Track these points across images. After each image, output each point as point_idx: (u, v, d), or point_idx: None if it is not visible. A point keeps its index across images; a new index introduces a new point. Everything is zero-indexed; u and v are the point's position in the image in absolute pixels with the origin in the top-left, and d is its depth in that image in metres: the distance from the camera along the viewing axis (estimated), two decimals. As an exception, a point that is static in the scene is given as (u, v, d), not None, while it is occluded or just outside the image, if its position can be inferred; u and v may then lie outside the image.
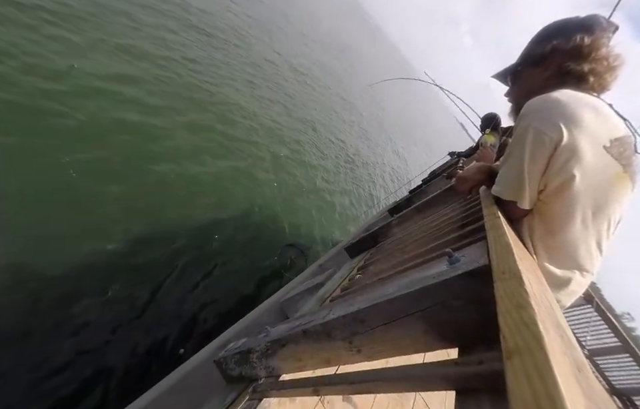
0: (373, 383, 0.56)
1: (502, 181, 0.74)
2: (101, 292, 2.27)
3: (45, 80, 2.86)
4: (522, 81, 0.86)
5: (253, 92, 6.28)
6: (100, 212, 2.59)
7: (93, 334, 2.07)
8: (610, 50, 0.71)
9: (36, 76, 2.82)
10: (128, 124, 3.30)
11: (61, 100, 2.86)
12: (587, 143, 0.60)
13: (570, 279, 0.70)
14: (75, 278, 2.19)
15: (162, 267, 2.74)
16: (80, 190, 2.56)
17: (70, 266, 2.22)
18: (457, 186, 1.03)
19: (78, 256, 2.30)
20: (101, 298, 2.24)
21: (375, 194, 8.58)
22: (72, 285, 2.16)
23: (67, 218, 2.39)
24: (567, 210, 0.64)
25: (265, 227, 4.14)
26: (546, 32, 0.79)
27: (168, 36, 4.99)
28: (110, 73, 3.52)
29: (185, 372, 1.59)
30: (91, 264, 2.33)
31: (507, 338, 0.26)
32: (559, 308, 0.42)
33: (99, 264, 2.37)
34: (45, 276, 2.07)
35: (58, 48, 3.20)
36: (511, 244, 0.41)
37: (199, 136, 4.16)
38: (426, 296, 0.46)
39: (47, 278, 2.06)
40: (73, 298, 2.11)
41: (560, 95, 0.66)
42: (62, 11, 3.54)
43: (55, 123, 2.71)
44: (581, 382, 0.26)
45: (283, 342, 0.77)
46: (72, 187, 2.52)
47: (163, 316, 2.48)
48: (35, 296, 1.97)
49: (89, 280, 2.25)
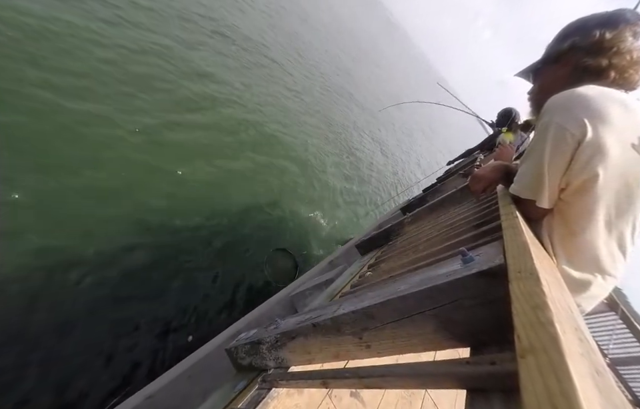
0: (382, 378, 0.56)
1: (520, 179, 0.72)
2: (113, 280, 2.37)
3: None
4: (542, 79, 0.85)
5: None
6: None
7: (103, 321, 2.16)
8: (634, 44, 0.67)
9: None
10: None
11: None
12: (614, 140, 0.57)
13: (590, 282, 0.67)
14: (87, 261, 2.30)
15: (178, 256, 2.84)
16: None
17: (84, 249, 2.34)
18: (471, 184, 1.00)
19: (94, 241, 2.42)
20: (112, 287, 2.34)
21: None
22: (84, 269, 2.26)
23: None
24: (589, 211, 0.61)
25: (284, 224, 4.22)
26: (566, 30, 0.78)
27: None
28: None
29: (197, 359, 1.64)
30: (106, 252, 2.44)
31: (522, 337, 0.25)
32: (578, 311, 0.41)
33: (109, 252, 2.48)
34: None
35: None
36: (528, 244, 0.40)
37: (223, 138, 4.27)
38: (438, 294, 0.46)
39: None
40: (83, 283, 2.21)
41: (586, 90, 0.63)
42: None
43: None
44: (598, 384, 0.25)
45: (292, 335, 0.78)
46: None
47: (172, 304, 2.57)
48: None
49: (103, 269, 2.36)
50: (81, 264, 2.28)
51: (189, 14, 5.78)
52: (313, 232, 4.72)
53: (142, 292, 2.45)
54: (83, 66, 3.30)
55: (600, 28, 0.69)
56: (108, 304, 2.24)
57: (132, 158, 3.10)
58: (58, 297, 2.06)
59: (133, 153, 3.14)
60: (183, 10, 5.72)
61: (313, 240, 4.58)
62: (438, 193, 2.91)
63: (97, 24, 3.81)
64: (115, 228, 2.60)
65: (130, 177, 2.97)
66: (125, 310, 2.29)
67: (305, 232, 4.60)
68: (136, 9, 4.59)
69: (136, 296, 2.40)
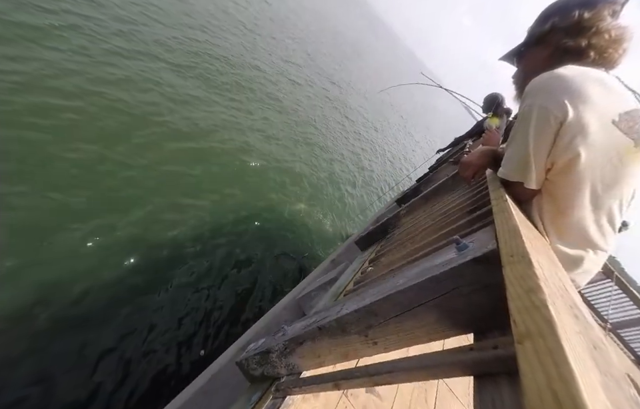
0: (391, 374, 0.56)
1: (507, 162, 0.73)
2: (119, 297, 2.36)
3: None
4: (525, 62, 0.85)
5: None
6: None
7: (113, 337, 2.15)
8: (612, 23, 0.68)
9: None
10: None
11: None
12: (594, 119, 0.59)
13: (583, 258, 0.68)
14: (87, 284, 2.28)
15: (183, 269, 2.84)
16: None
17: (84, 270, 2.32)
18: (461, 171, 1.02)
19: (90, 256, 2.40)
20: (117, 304, 2.33)
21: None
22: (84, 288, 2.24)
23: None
24: (575, 188, 0.62)
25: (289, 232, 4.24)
26: (546, 12, 0.78)
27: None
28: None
29: (211, 374, 1.64)
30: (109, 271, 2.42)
31: (518, 322, 0.26)
32: (573, 288, 0.42)
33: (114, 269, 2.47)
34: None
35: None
36: (518, 227, 0.40)
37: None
38: (436, 284, 0.46)
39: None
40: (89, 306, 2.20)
41: (565, 71, 0.64)
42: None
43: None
44: (596, 359, 0.26)
45: (300, 340, 0.78)
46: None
47: (181, 319, 2.56)
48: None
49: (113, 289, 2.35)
50: (81, 282, 2.26)
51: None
52: (313, 232, 4.72)
53: (146, 309, 2.44)
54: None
55: (579, 8, 0.70)
56: (114, 323, 2.22)
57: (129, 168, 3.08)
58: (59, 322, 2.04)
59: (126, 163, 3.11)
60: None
61: (314, 240, 4.58)
62: (431, 182, 2.94)
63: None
64: (115, 244, 2.59)
65: (134, 191, 2.97)
66: (132, 331, 2.28)
67: (306, 232, 4.60)
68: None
69: (142, 314, 2.39)
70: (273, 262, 3.69)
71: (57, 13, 3.68)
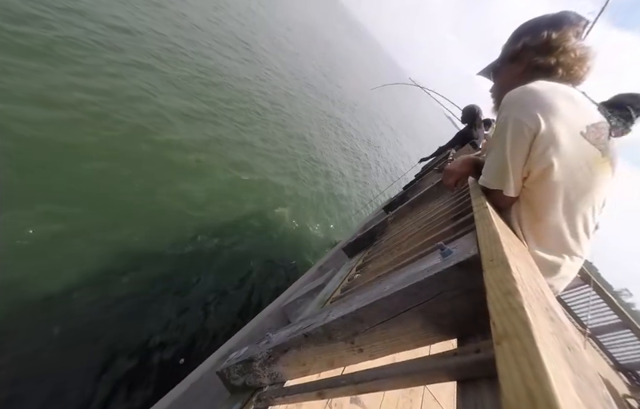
0: (376, 381, 0.56)
1: (487, 171, 0.77)
2: (100, 301, 2.26)
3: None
4: (501, 77, 0.91)
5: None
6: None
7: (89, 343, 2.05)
8: (577, 43, 0.74)
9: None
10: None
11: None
12: (564, 130, 0.62)
13: (560, 264, 0.71)
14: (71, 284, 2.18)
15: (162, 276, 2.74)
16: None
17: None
18: (444, 179, 1.06)
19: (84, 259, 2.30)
20: (102, 304, 2.23)
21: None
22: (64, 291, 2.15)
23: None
24: (549, 196, 0.66)
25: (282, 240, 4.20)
26: (518, 32, 0.84)
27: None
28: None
29: (189, 384, 1.57)
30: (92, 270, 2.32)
31: (497, 324, 0.27)
32: (549, 291, 0.43)
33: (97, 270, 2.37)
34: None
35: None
36: (497, 233, 0.42)
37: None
38: (421, 290, 0.47)
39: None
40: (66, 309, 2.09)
41: (537, 85, 0.69)
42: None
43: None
44: (569, 359, 0.26)
45: (285, 348, 0.77)
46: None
47: (162, 326, 2.47)
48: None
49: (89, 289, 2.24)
50: (67, 291, 2.15)
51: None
52: (300, 239, 4.69)
53: (125, 316, 2.33)
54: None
55: (547, 29, 0.76)
56: (86, 329, 2.11)
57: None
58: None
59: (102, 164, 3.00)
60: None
61: (301, 247, 4.55)
62: (417, 190, 3.00)
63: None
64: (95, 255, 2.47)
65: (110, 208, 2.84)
66: (109, 336, 2.17)
67: (293, 240, 4.57)
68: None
69: (120, 320, 2.29)
70: (259, 269, 3.63)
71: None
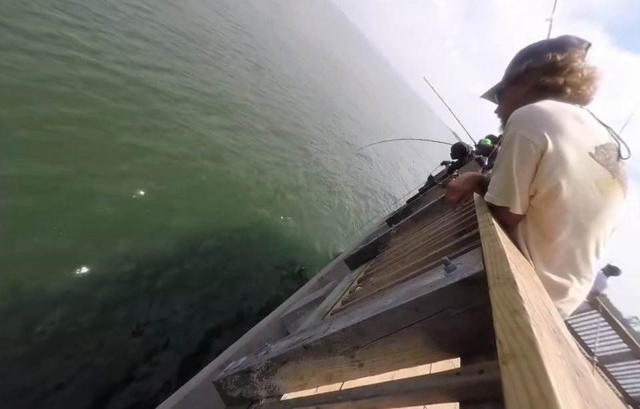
0: (374, 398, 0.54)
1: (494, 188, 0.76)
2: (99, 309, 2.25)
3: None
4: (506, 98, 0.92)
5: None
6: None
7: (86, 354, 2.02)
8: (584, 63, 0.76)
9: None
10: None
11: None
12: (572, 151, 0.62)
13: (568, 286, 0.70)
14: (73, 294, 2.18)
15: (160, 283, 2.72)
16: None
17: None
18: (447, 195, 1.06)
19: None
20: (99, 314, 2.21)
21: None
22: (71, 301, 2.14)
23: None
24: (558, 217, 0.65)
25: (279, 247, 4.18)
26: (520, 56, 0.87)
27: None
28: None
29: (184, 395, 1.54)
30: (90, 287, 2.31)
31: (503, 343, 0.26)
32: (557, 314, 0.42)
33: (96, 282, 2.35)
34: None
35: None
36: (504, 250, 0.41)
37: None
38: (423, 305, 0.46)
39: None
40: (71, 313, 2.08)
41: (544, 105, 0.69)
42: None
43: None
44: (579, 386, 0.26)
45: (283, 359, 0.75)
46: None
47: (161, 333, 2.44)
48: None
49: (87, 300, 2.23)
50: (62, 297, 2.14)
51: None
52: (302, 249, 4.66)
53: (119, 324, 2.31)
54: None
55: (551, 51, 0.78)
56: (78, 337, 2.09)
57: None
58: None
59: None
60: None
61: (303, 257, 4.51)
62: (421, 204, 2.99)
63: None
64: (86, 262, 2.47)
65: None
66: (100, 343, 2.14)
67: (295, 249, 4.54)
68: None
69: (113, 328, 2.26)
70: (259, 278, 3.59)
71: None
